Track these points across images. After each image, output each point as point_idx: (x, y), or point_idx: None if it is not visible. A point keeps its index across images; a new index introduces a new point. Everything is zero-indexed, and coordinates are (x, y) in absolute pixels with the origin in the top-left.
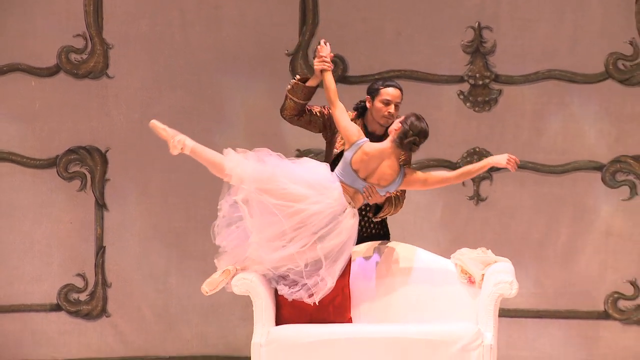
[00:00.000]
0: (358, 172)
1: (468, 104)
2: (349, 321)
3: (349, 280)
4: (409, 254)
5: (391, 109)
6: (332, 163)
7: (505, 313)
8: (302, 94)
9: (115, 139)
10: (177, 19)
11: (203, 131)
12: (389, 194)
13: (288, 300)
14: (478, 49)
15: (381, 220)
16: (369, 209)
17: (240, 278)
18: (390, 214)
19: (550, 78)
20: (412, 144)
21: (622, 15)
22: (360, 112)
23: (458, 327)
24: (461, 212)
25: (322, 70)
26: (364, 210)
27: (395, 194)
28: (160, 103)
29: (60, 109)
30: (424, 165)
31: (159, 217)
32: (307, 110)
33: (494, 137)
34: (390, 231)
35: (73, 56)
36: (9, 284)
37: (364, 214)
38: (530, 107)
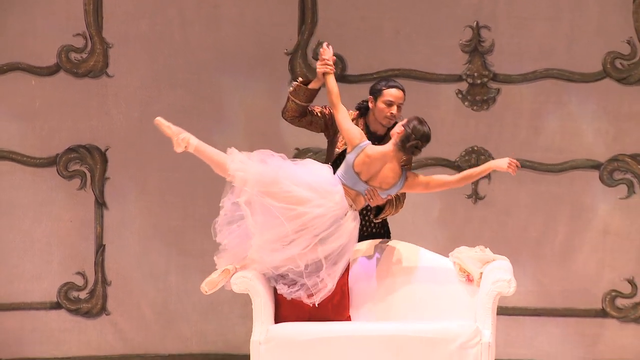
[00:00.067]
0: (360, 174)
1: (466, 103)
2: (348, 319)
3: (348, 279)
4: (408, 252)
5: (393, 109)
6: (333, 162)
7: (503, 311)
8: (304, 96)
9: (115, 138)
10: (176, 19)
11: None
12: (390, 196)
13: (287, 299)
14: (476, 48)
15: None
16: (370, 210)
17: (240, 276)
18: (391, 214)
19: (548, 77)
20: (415, 147)
21: (620, 14)
22: (363, 111)
23: (456, 325)
24: (459, 211)
25: (324, 73)
26: (364, 211)
27: (396, 195)
28: (159, 102)
29: (60, 107)
30: (422, 164)
31: (159, 216)
32: (308, 111)
33: (492, 135)
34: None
35: (73, 55)
36: (9, 282)
37: (365, 213)
38: (528, 106)
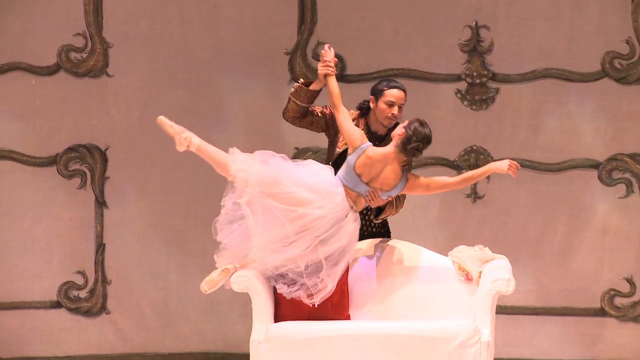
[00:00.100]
0: (361, 176)
1: (465, 103)
2: (348, 319)
3: (347, 278)
4: (408, 251)
5: (395, 110)
6: (334, 162)
7: (502, 310)
8: (306, 97)
9: (115, 137)
10: (176, 18)
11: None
12: (391, 198)
13: (287, 298)
14: (475, 47)
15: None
16: (371, 211)
17: (239, 275)
18: (392, 214)
19: (547, 77)
20: (416, 149)
21: (619, 14)
22: (364, 111)
23: (455, 324)
24: (459, 210)
25: (325, 75)
26: (365, 210)
27: (396, 196)
28: (159, 102)
29: (61, 107)
30: (421, 164)
31: (159, 215)
32: (309, 111)
33: (492, 135)
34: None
35: (73, 55)
36: (9, 281)
37: (365, 213)
38: (527, 106)
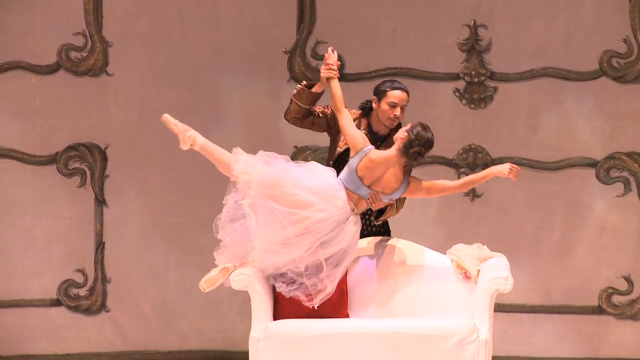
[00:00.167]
0: (363, 179)
1: (464, 101)
2: (346, 317)
3: (346, 277)
4: (407, 250)
5: (397, 111)
6: (335, 161)
7: (500, 308)
8: (308, 99)
9: (115, 136)
10: (175, 18)
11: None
12: (392, 201)
13: (286, 296)
14: (473, 46)
15: None
16: (371, 211)
17: (239, 274)
18: (392, 215)
19: (544, 75)
20: (418, 154)
21: (616, 13)
22: (366, 112)
23: (454, 321)
24: (457, 208)
25: (328, 78)
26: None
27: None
28: (159, 100)
29: (60, 106)
30: (419, 162)
31: (158, 214)
32: (310, 112)
33: (490, 134)
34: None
35: (73, 54)
36: (9, 279)
37: (365, 212)
38: (525, 104)
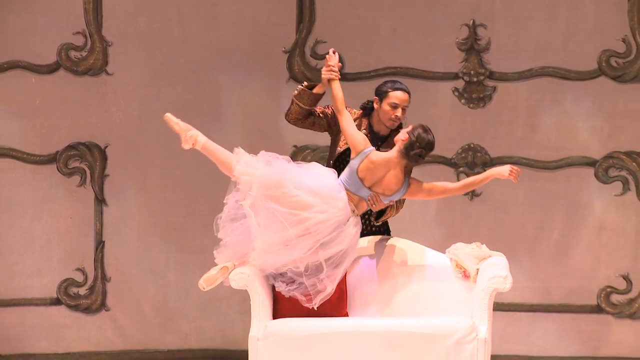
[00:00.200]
0: (364, 180)
1: (463, 101)
2: (346, 316)
3: (346, 276)
4: (407, 249)
5: (398, 112)
6: (335, 161)
7: (499, 307)
8: (309, 100)
9: (115, 135)
10: (175, 17)
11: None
12: (392, 202)
13: (285, 296)
14: (472, 46)
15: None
16: (371, 212)
17: (238, 273)
18: (392, 216)
19: (543, 75)
20: (418, 156)
21: (615, 12)
22: (367, 112)
23: (453, 320)
24: (456, 208)
25: (329, 80)
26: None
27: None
28: (158, 100)
29: (60, 105)
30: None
31: (158, 213)
32: (311, 112)
33: (489, 133)
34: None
35: (73, 53)
36: (9, 278)
37: (365, 216)
38: (524, 104)
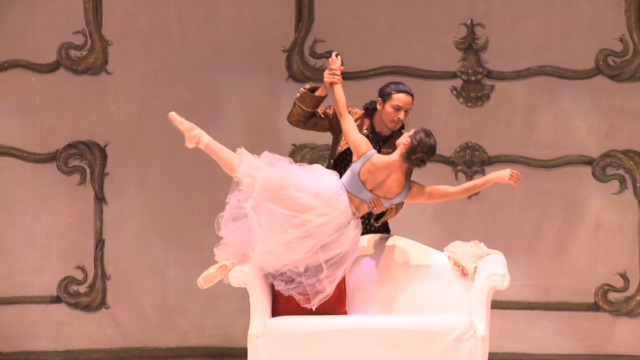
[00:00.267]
0: (365, 183)
1: (461, 100)
2: (344, 314)
3: (345, 276)
4: (406, 247)
5: (401, 115)
6: (336, 160)
7: (497, 305)
8: (311, 102)
9: (114, 134)
10: (174, 16)
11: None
12: (393, 205)
13: (284, 295)
14: (470, 45)
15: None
16: (372, 214)
17: (237, 271)
18: (392, 217)
19: (541, 74)
20: (420, 160)
21: (612, 12)
22: (369, 112)
23: (451, 318)
24: (454, 206)
25: (331, 83)
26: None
27: None
28: (158, 99)
29: (60, 104)
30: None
31: (158, 211)
32: (313, 113)
33: (487, 132)
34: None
35: (73, 52)
36: (9, 276)
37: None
38: (521, 103)
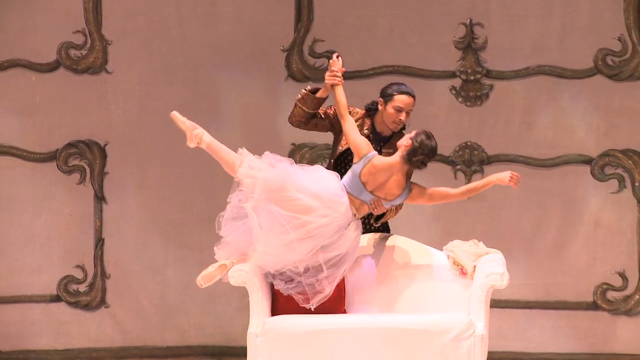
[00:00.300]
0: (366, 184)
1: (460, 99)
2: (344, 313)
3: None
4: (405, 246)
5: (402, 116)
6: (336, 160)
7: (496, 304)
8: (312, 104)
9: (114, 133)
10: (174, 16)
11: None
12: (393, 207)
13: (283, 294)
14: (470, 45)
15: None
16: (372, 215)
17: (237, 270)
18: (391, 217)
19: (540, 73)
20: (421, 162)
21: (611, 11)
22: (371, 112)
23: (450, 317)
24: (453, 205)
25: (332, 85)
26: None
27: None
28: (157, 98)
29: (60, 103)
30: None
31: (157, 210)
32: (314, 114)
33: (486, 131)
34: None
35: (73, 52)
36: (9, 275)
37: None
38: (520, 102)
